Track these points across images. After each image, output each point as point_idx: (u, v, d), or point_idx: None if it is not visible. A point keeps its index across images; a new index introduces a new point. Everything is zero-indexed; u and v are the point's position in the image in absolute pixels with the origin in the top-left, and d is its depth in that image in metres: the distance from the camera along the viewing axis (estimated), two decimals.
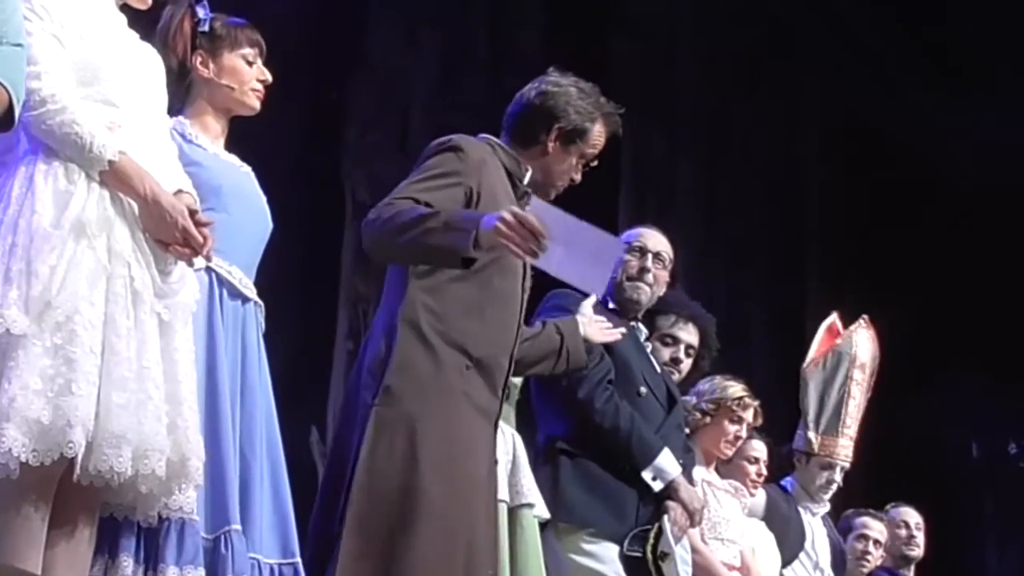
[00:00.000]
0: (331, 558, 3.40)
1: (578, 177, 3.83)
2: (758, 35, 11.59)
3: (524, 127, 3.79)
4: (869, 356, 6.15)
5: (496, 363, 3.59)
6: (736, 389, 5.24)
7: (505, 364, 3.63)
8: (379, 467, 3.39)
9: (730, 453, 5.25)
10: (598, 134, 3.81)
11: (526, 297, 3.73)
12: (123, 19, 3.45)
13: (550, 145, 3.76)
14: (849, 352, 6.11)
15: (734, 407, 5.19)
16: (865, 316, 6.30)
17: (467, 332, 3.51)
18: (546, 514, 4.16)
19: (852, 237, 11.96)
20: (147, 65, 3.45)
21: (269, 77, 3.85)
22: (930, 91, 11.46)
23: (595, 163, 3.86)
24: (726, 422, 5.19)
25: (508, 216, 3.23)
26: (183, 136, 3.68)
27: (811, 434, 6.01)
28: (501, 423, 3.78)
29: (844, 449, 6.02)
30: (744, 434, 5.22)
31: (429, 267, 3.51)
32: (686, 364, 4.92)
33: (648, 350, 4.74)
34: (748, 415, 5.21)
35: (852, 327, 6.14)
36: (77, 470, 2.99)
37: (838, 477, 6.01)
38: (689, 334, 4.98)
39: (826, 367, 6.09)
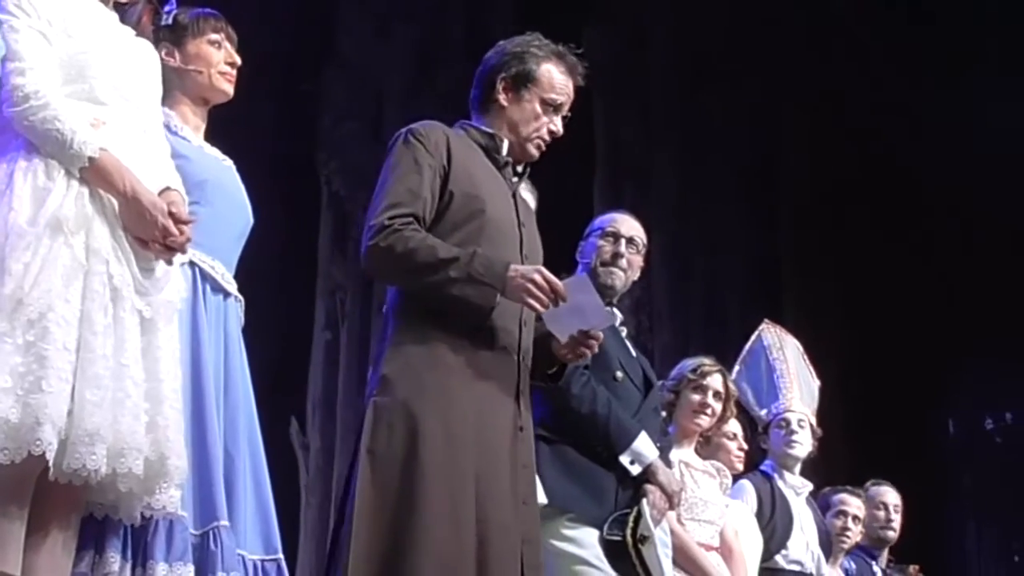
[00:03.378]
0: (337, 550, 3.39)
1: (556, 127, 3.78)
2: (732, 22, 11.61)
3: (480, 95, 3.81)
4: (782, 342, 6.24)
5: (504, 330, 3.55)
6: (694, 360, 5.27)
7: (515, 330, 3.59)
8: (380, 455, 3.37)
9: (704, 423, 5.23)
10: (549, 74, 3.77)
11: (528, 263, 3.69)
12: (114, 15, 3.45)
13: (502, 98, 3.75)
14: (763, 345, 6.22)
15: (693, 376, 5.20)
16: (766, 320, 6.45)
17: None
18: (544, 499, 4.15)
19: (825, 220, 12.01)
20: (140, 60, 3.44)
21: (238, 59, 3.85)
22: (911, 77, 11.49)
23: (567, 112, 3.82)
24: (689, 392, 5.19)
25: (539, 278, 3.41)
26: (168, 128, 3.67)
27: (761, 412, 6.09)
28: None
29: (788, 402, 6.07)
30: (711, 402, 5.21)
31: None
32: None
33: (623, 335, 4.75)
34: (710, 381, 5.20)
35: (754, 333, 6.27)
36: (51, 468, 2.97)
37: (796, 428, 6.03)
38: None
39: (746, 365, 6.19)
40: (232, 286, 3.72)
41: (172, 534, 3.30)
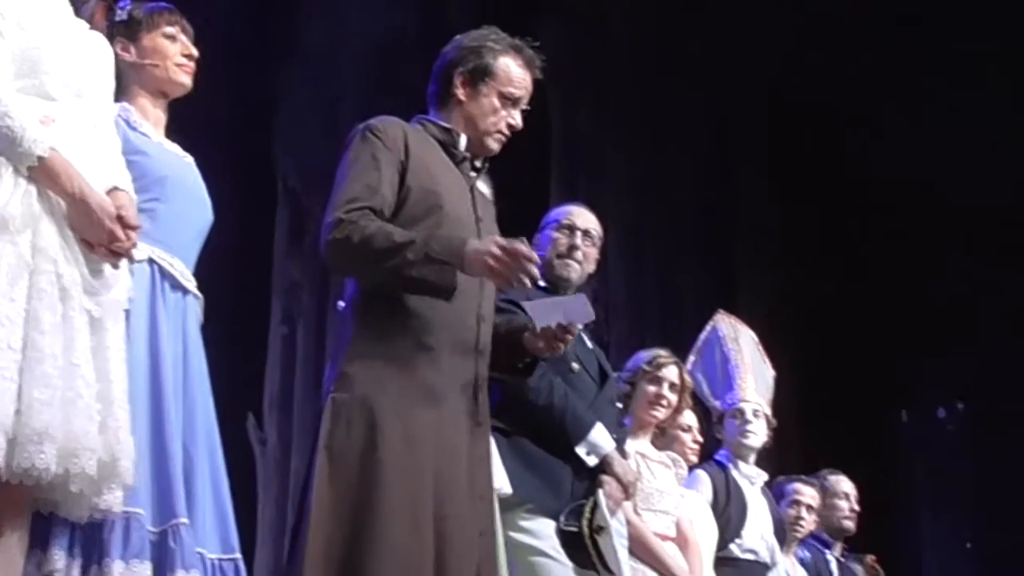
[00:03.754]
0: (296, 547, 3.38)
1: (515, 121, 3.79)
2: (686, 15, 11.64)
3: (437, 90, 3.81)
4: (737, 333, 6.29)
5: (461, 325, 3.56)
6: (650, 352, 5.30)
7: (473, 323, 3.59)
8: (338, 452, 3.37)
9: (660, 415, 5.28)
10: (506, 68, 3.78)
11: None
12: (68, 7, 3.43)
13: (460, 93, 3.76)
14: (717, 335, 6.27)
15: (649, 368, 5.24)
16: (720, 310, 6.50)
17: (422, 302, 3.48)
18: (508, 489, 4.17)
19: (781, 213, 12.06)
20: (93, 55, 3.43)
21: (194, 51, 3.85)
22: (860, 69, 11.56)
23: (525, 106, 3.82)
24: (645, 384, 5.23)
25: (495, 249, 3.34)
26: (128, 123, 3.68)
27: (715, 403, 6.13)
28: None
29: (743, 392, 6.12)
30: (667, 393, 5.24)
31: None
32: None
33: (579, 327, 4.78)
34: (666, 373, 5.24)
35: (709, 324, 6.31)
36: (1, 468, 2.95)
37: (751, 418, 6.08)
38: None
39: (701, 356, 6.23)
40: (191, 283, 3.71)
41: (129, 531, 3.30)
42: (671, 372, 5.27)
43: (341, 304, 3.76)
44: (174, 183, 3.69)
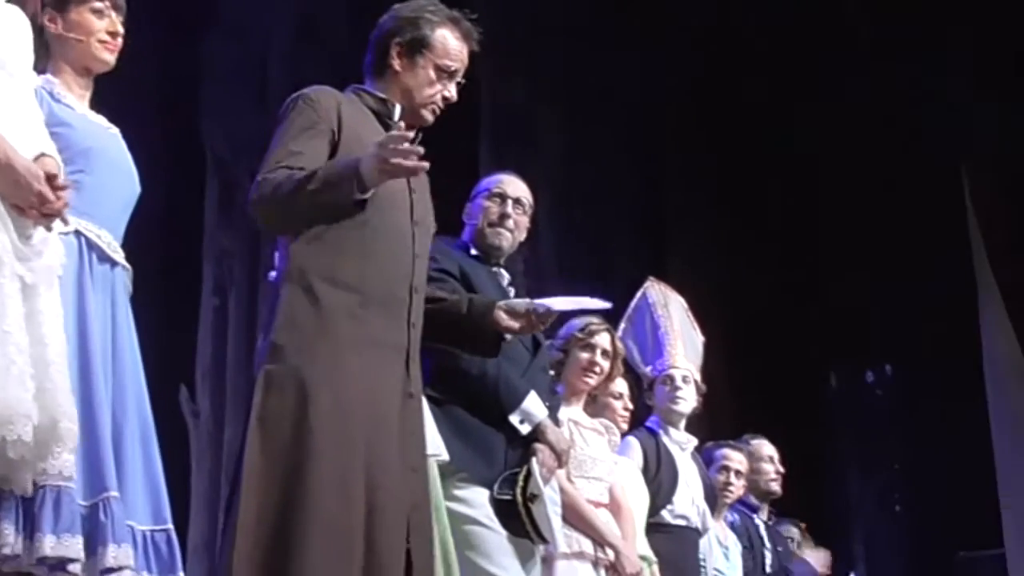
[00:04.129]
0: (229, 518, 3.39)
1: (451, 93, 3.82)
2: None
3: (374, 60, 3.84)
4: (667, 299, 6.33)
5: (393, 296, 3.58)
6: (582, 319, 5.33)
7: (405, 295, 3.61)
8: (270, 423, 3.38)
9: (592, 382, 5.31)
10: (443, 40, 3.80)
11: (420, 230, 3.73)
12: None
13: (396, 64, 3.78)
14: (647, 302, 6.30)
15: (581, 335, 5.28)
16: (651, 277, 6.55)
17: (353, 273, 3.51)
18: (446, 455, 4.17)
19: (711, 179, 12.11)
20: (10, 27, 3.38)
21: (120, 29, 3.81)
22: (791, 33, 11.61)
23: (460, 79, 3.85)
24: (577, 351, 5.27)
25: (376, 148, 3.39)
26: (51, 95, 3.65)
27: (645, 369, 6.17)
28: None
29: (672, 359, 6.16)
30: (600, 360, 5.28)
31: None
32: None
33: (511, 295, 4.79)
34: (598, 340, 5.28)
35: (639, 291, 6.35)
36: None
37: (681, 384, 6.11)
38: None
39: (632, 323, 6.27)
40: (119, 255, 3.69)
41: (60, 505, 3.26)
42: (603, 339, 5.30)
43: (272, 274, 3.77)
44: (99, 154, 3.67)
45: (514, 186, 4.84)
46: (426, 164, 3.43)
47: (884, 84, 11.02)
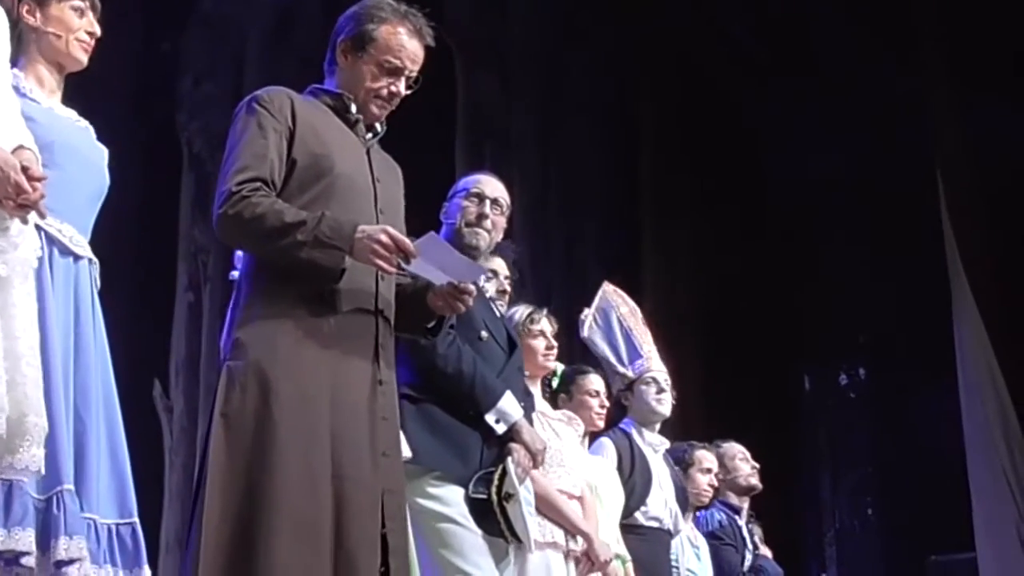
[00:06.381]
0: (194, 514, 3.38)
1: (397, 89, 3.80)
2: None
3: (328, 58, 3.86)
4: (626, 304, 6.35)
5: (361, 285, 3.58)
6: (520, 312, 5.36)
7: (371, 285, 3.61)
8: (233, 418, 3.39)
9: (551, 365, 5.37)
10: (387, 36, 3.78)
11: (385, 219, 3.69)
12: None
13: (342, 61, 3.80)
14: (612, 304, 6.30)
15: (528, 327, 5.31)
16: (606, 282, 6.52)
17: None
18: (408, 452, 4.16)
19: (685, 179, 12.15)
20: None
21: (98, 30, 3.80)
22: (768, 36, 11.66)
23: (414, 77, 3.82)
24: (529, 341, 5.29)
25: (384, 238, 3.43)
26: (17, 90, 3.61)
27: (622, 369, 6.15)
28: None
29: (650, 362, 6.16)
30: (552, 341, 5.33)
31: None
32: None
33: (487, 295, 4.80)
34: (542, 326, 5.33)
35: (599, 293, 6.36)
36: None
37: (664, 387, 6.12)
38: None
39: (599, 323, 6.27)
40: (83, 248, 3.67)
41: (11, 499, 3.25)
42: (547, 323, 5.37)
43: (234, 273, 3.78)
44: (62, 148, 3.64)
45: (492, 186, 4.84)
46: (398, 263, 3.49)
47: (860, 87, 11.06)
